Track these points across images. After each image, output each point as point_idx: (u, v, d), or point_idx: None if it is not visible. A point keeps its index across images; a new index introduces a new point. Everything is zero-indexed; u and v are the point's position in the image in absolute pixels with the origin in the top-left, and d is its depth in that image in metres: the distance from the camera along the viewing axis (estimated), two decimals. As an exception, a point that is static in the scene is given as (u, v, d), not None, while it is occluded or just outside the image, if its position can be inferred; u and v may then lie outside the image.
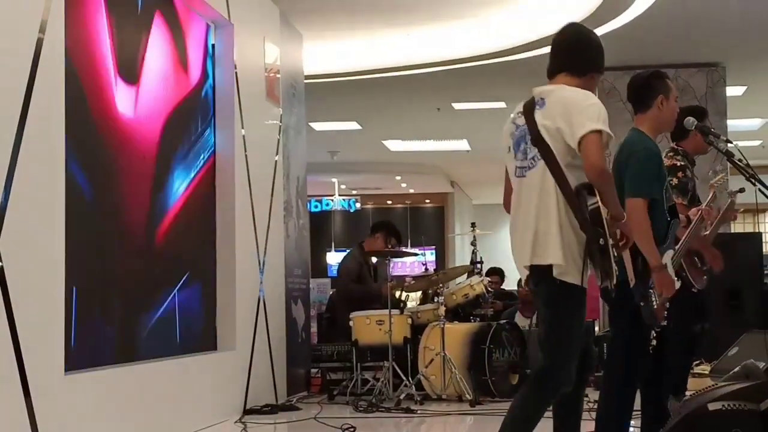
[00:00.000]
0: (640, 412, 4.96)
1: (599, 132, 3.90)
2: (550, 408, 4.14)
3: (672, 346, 4.87)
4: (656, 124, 4.86)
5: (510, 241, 4.17)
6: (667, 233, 4.69)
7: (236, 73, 7.58)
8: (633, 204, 4.50)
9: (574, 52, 4.23)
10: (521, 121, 4.16)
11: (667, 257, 4.66)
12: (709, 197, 5.38)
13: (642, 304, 4.48)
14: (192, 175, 7.10)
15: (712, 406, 3.84)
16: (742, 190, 5.56)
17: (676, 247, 4.83)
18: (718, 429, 3.99)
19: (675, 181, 5.57)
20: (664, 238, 4.65)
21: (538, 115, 4.07)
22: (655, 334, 4.59)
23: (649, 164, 4.67)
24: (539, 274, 4.02)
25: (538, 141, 4.03)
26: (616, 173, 4.67)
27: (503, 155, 4.24)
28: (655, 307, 4.50)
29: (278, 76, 8.62)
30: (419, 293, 9.77)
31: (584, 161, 3.90)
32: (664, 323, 4.55)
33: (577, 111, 3.95)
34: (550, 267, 3.95)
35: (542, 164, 4.02)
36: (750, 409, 3.85)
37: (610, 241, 3.90)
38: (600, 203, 3.89)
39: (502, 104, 13.79)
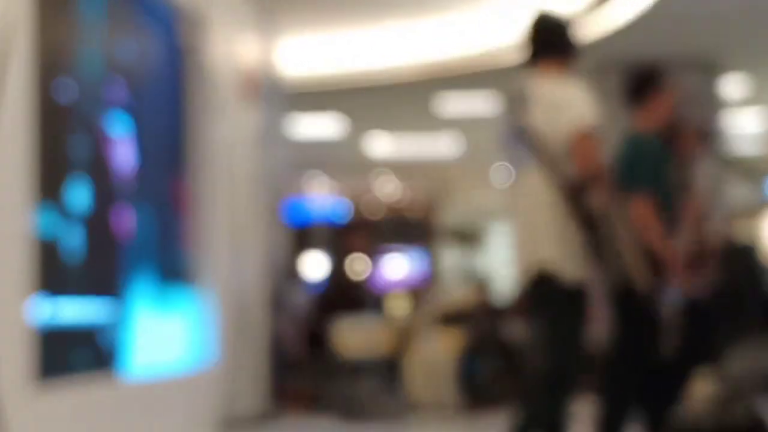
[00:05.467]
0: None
1: (589, 129, 3.99)
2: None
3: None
4: (652, 120, 4.87)
5: (512, 243, 4.26)
6: None
7: (212, 73, 7.44)
8: (641, 199, 4.54)
9: (547, 43, 4.27)
10: (512, 120, 4.23)
11: None
12: None
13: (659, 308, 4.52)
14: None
15: None
16: None
17: None
18: None
19: None
20: None
21: (528, 114, 4.12)
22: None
23: (656, 160, 4.71)
24: (540, 274, 4.04)
25: (530, 140, 4.06)
26: (622, 171, 4.68)
27: (496, 156, 4.35)
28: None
29: (256, 76, 8.53)
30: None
31: (576, 159, 3.97)
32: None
33: (566, 109, 4.01)
34: (551, 267, 3.99)
35: (535, 163, 4.06)
36: None
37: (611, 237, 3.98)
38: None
39: (492, 109, 13.82)
